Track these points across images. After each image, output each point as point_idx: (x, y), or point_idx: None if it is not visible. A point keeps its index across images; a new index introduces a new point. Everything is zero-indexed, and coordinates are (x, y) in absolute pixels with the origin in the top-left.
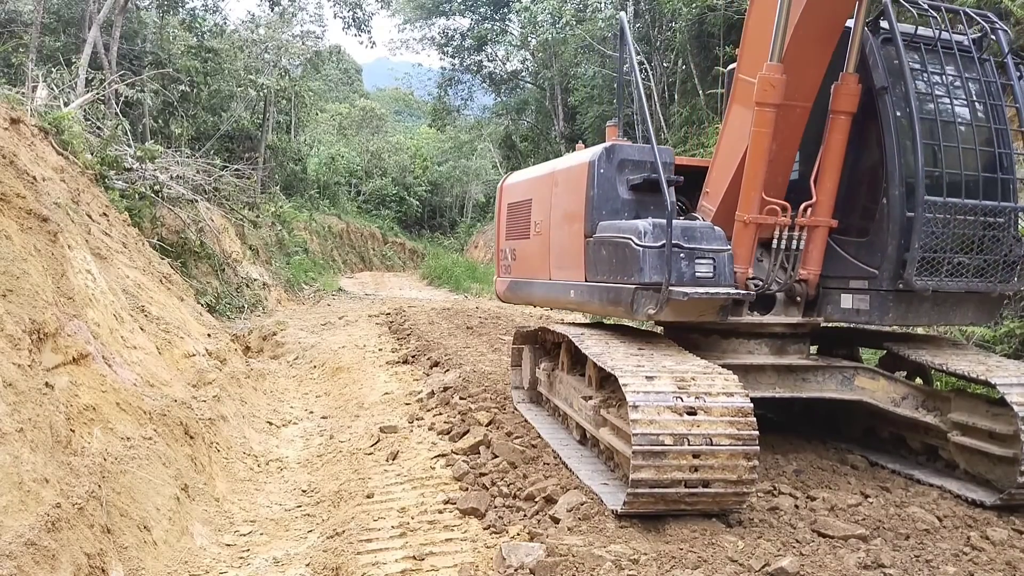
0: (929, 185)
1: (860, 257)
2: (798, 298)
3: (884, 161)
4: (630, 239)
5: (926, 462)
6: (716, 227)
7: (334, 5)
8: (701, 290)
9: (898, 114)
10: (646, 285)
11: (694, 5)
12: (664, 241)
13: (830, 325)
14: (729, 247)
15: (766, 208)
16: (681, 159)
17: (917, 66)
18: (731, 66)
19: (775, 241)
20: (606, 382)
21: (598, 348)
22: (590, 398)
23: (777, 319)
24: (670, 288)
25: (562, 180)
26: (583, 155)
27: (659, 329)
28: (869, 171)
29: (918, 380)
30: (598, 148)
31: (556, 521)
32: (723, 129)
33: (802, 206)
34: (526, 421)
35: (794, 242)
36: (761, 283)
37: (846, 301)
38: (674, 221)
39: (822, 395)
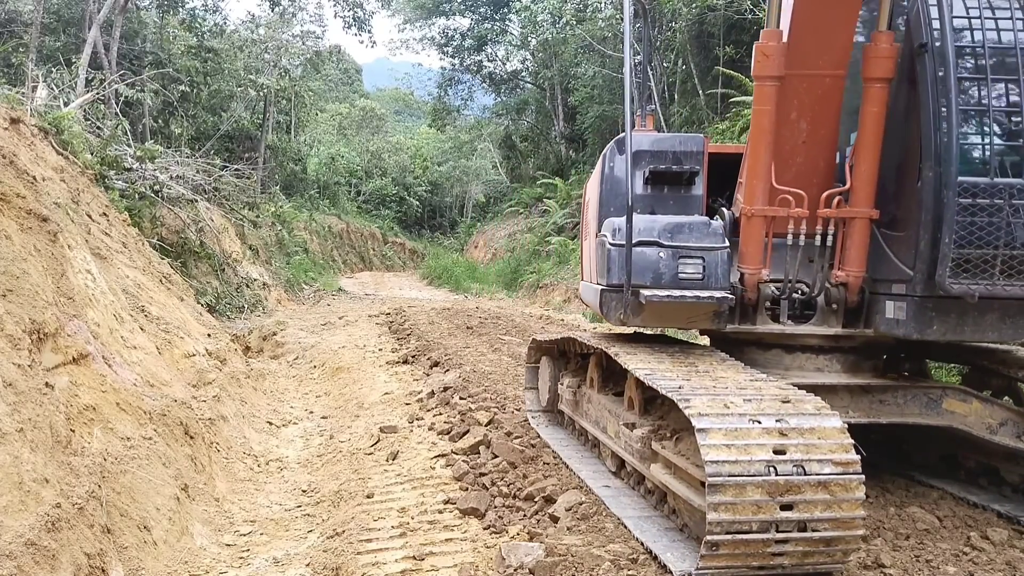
0: (968, 163)
1: (900, 255)
2: (834, 305)
3: (919, 135)
4: (606, 237)
5: (1012, 494)
6: (714, 222)
7: (334, 5)
8: (675, 293)
9: (938, 76)
10: (613, 287)
11: (694, 5)
12: (640, 239)
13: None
14: (726, 244)
15: (779, 198)
16: (719, 147)
17: (971, 12)
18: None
19: (789, 237)
20: (651, 405)
21: (639, 363)
22: (634, 425)
23: (811, 330)
24: (637, 291)
25: (593, 177)
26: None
27: (705, 341)
28: (912, 149)
29: (1006, 399)
30: (616, 139)
31: (555, 520)
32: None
33: (824, 195)
34: (540, 438)
35: (819, 238)
36: (780, 286)
37: (889, 309)
38: (663, 217)
39: (904, 420)
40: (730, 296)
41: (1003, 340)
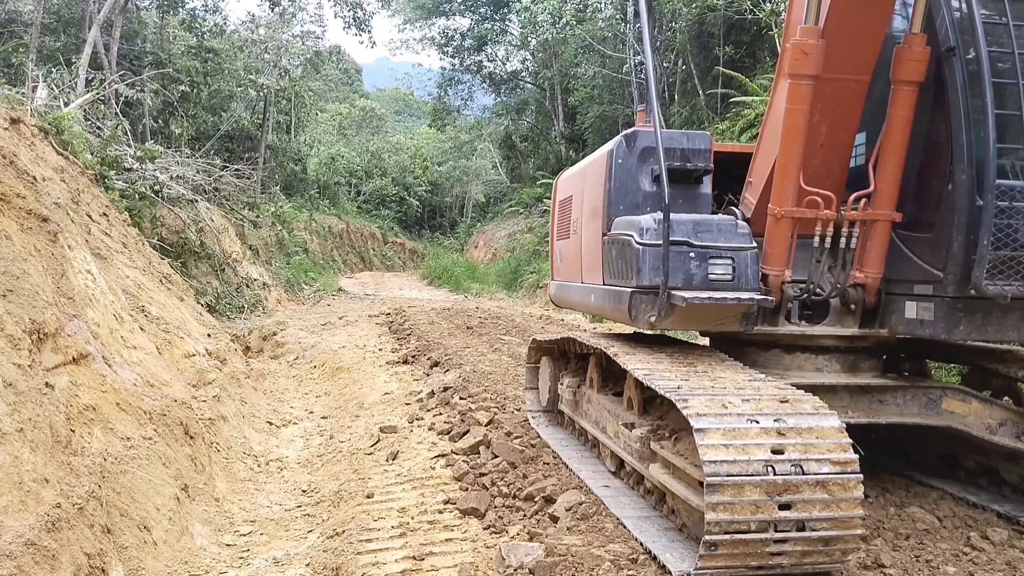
0: (1003, 166)
1: (925, 256)
2: (852, 305)
3: (950, 138)
4: (631, 236)
5: (1012, 494)
6: (740, 222)
7: (334, 5)
8: (715, 295)
9: (967, 80)
10: (644, 288)
11: (694, 5)
12: (671, 239)
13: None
14: (754, 245)
15: (806, 199)
16: (724, 146)
17: (996, 18)
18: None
19: (816, 239)
20: (651, 405)
21: (638, 363)
22: (633, 425)
23: (828, 330)
24: (670, 292)
25: (590, 173)
26: (608, 144)
27: (705, 342)
28: (937, 151)
29: (1005, 399)
30: (623, 134)
31: (555, 520)
32: (768, 110)
33: (852, 196)
34: (540, 438)
35: (843, 239)
36: (803, 287)
37: (910, 310)
38: (689, 215)
39: (903, 420)
40: (770, 298)
41: (1022, 340)
